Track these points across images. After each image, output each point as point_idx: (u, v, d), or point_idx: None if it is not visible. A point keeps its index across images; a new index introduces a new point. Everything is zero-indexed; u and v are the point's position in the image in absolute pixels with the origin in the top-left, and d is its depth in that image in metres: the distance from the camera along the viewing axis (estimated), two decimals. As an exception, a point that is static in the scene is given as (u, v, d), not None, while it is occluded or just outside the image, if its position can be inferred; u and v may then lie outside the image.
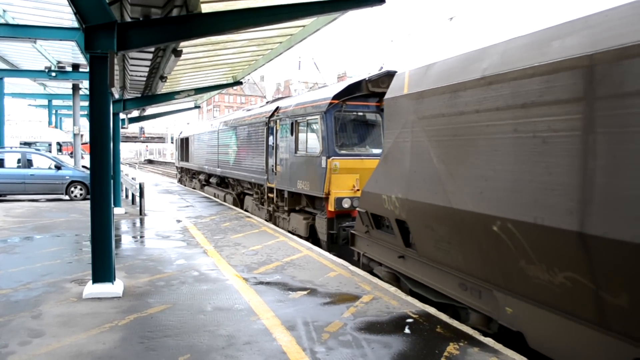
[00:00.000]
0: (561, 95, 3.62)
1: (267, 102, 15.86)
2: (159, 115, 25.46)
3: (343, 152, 9.49)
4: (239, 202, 16.71)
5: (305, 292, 6.10)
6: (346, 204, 9.22)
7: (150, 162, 77.92)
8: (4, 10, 11.87)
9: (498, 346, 4.44)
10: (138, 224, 11.85)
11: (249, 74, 15.14)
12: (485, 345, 4.47)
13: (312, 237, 10.42)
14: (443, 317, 5.22)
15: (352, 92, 9.58)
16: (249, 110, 16.33)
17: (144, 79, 13.00)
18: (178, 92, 15.73)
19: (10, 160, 16.36)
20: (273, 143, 12.29)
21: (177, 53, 8.76)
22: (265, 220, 13.03)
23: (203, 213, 13.93)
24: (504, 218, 4.12)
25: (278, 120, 11.97)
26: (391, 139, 6.23)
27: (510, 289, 4.36)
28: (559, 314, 3.86)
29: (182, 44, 8.65)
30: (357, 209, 7.49)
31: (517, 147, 4.02)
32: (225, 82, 16.65)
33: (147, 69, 11.54)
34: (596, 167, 3.33)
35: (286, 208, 11.56)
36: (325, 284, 6.49)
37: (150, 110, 23.25)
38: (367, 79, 9.62)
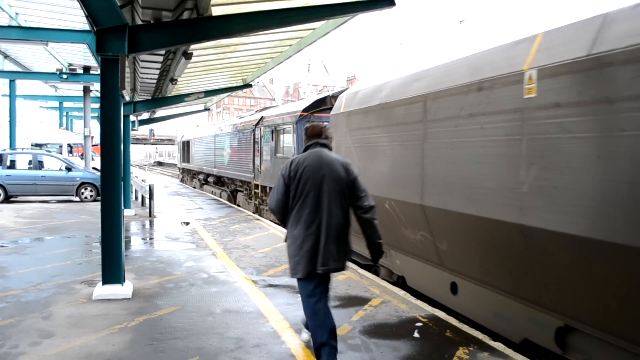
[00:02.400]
0: (413, 119, 5.66)
1: (255, 111, 18.39)
2: (169, 118, 25.59)
3: None
4: (232, 198, 18.76)
5: (313, 295, 6.07)
6: None
7: (159, 164, 78.22)
8: (17, 13, 12.03)
9: (508, 351, 4.40)
10: (147, 226, 11.91)
11: (259, 76, 15.13)
12: (495, 350, 4.43)
13: None
14: (452, 321, 5.19)
15: (319, 105, 11.73)
16: (241, 118, 18.97)
17: (155, 81, 13.09)
18: (188, 95, 15.78)
19: (22, 162, 16.53)
20: (259, 146, 14.49)
21: (188, 55, 8.79)
22: (253, 212, 14.83)
23: (212, 215, 13.97)
24: (389, 198, 6.23)
25: (262, 128, 14.20)
26: (334, 145, 8.08)
27: (398, 247, 6.55)
28: (421, 260, 6.03)
29: (193, 46, 8.68)
30: None
31: (394, 151, 6.16)
32: (234, 85, 16.67)
33: (157, 72, 11.61)
34: (426, 164, 5.42)
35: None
36: (334, 287, 6.45)
37: (160, 112, 23.40)
38: (330, 95, 11.72)
